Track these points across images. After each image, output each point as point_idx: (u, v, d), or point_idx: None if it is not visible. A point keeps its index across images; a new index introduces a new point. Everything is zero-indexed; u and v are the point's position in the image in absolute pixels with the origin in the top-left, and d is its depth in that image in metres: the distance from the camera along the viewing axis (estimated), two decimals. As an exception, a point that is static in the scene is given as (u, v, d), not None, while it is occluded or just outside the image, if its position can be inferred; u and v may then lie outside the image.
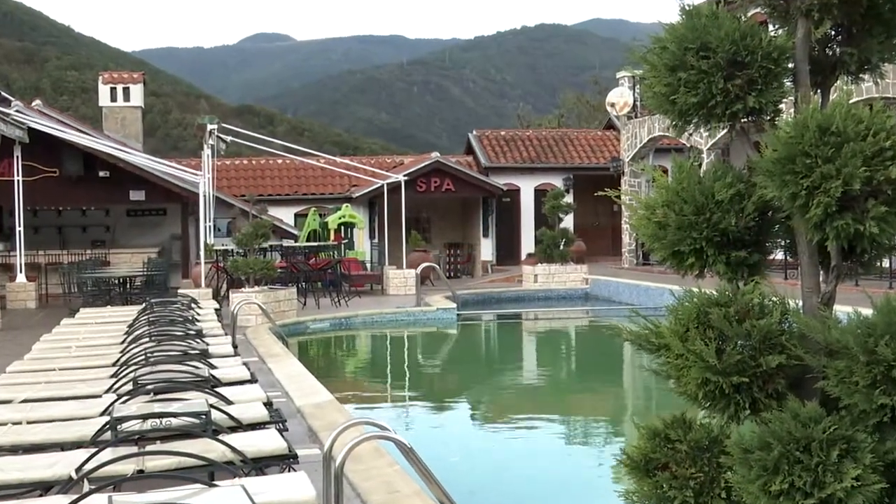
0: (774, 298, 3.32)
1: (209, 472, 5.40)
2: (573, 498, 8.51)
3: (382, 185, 26.21)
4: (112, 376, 8.22)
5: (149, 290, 19.54)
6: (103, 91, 30.92)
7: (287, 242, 24.96)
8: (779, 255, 3.90)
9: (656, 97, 3.45)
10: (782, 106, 3.41)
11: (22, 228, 21.02)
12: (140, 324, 11.39)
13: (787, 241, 3.45)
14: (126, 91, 30.58)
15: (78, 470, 5.21)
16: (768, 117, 3.39)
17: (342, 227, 26.86)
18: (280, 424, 6.76)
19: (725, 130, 3.49)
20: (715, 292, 3.36)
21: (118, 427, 5.76)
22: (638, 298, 21.10)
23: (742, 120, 3.39)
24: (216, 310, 15.05)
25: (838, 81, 3.47)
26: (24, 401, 7.46)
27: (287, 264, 22.04)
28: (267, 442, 6.02)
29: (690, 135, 3.56)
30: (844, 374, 2.95)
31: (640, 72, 3.60)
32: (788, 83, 3.37)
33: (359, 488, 6.64)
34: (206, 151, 23.10)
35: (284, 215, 28.83)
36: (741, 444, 3.07)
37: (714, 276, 3.48)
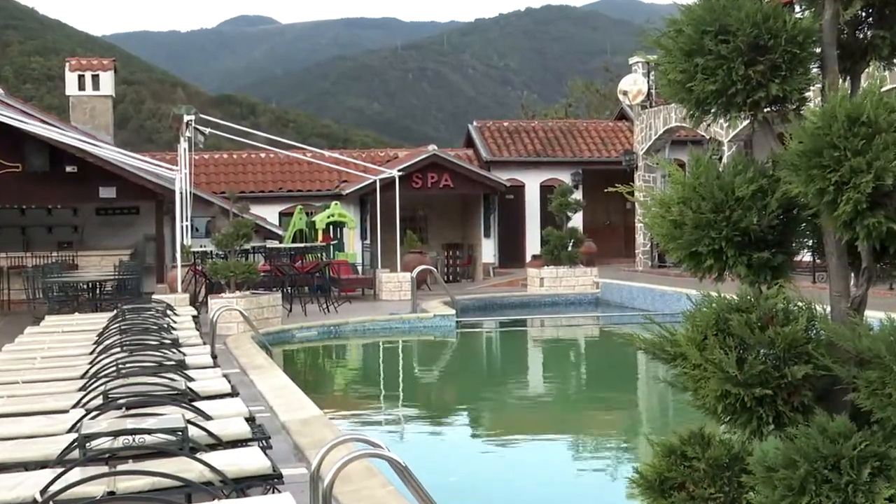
0: (800, 303, 3.32)
1: (186, 494, 5.40)
2: (582, 521, 8.50)
3: (375, 181, 26.20)
4: (80, 390, 8.21)
5: (120, 296, 19.52)
6: (70, 79, 30.90)
7: (271, 243, 24.96)
8: (806, 257, 3.91)
9: (671, 85, 3.46)
10: (808, 94, 3.41)
11: (-18, 229, 21.02)
12: (111, 332, 11.38)
13: (815, 240, 3.45)
14: (95, 79, 30.57)
15: (43, 492, 5.21)
16: (793, 106, 3.39)
17: (331, 227, 26.85)
18: (263, 441, 6.76)
19: (747, 121, 3.49)
20: (735, 297, 3.37)
21: (87, 445, 5.76)
22: (653, 304, 21.11)
23: (764, 109, 3.39)
24: (194, 317, 15.04)
25: (869, 67, 3.48)
26: (-15, 416, 7.46)
27: (271, 267, 22.04)
28: (249, 460, 6.02)
29: (709, 125, 3.57)
30: (876, 385, 2.95)
31: (655, 57, 3.61)
32: (815, 69, 3.37)
33: (349, 511, 6.64)
34: (183, 144, 23.09)
35: (268, 214, 28.83)
36: (764, 461, 3.07)
37: (734, 279, 3.49)
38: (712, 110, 3.43)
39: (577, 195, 28.10)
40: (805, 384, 3.19)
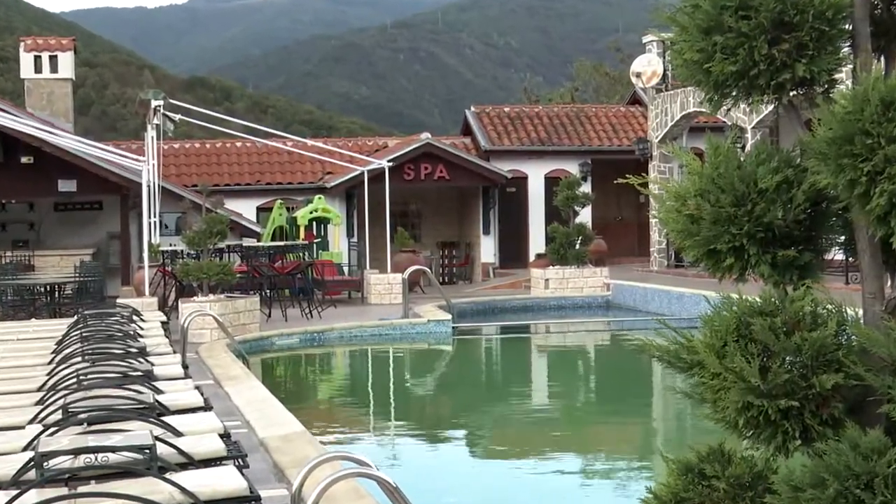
0: (830, 306, 3.33)
1: (154, 518, 5.39)
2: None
3: (362, 173, 26.20)
4: (37, 403, 8.20)
5: (81, 300, 19.49)
6: (26, 60, 30.85)
7: (248, 242, 24.95)
8: (838, 255, 3.91)
9: (687, 65, 3.46)
10: (839, 76, 3.42)
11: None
12: (71, 340, 11.37)
13: (846, 237, 3.46)
14: (53, 60, 30.53)
15: (-4, 516, 5.21)
16: (821, 89, 3.39)
17: (314, 224, 26.84)
18: (240, 460, 6.76)
19: (770, 105, 3.50)
20: (758, 299, 3.37)
21: (45, 464, 5.75)
22: (670, 307, 21.14)
23: (790, 92, 3.40)
24: (163, 323, 15.03)
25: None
26: (-68, 433, 7.44)
27: (248, 268, 22.03)
28: (223, 481, 6.01)
29: (728, 110, 3.57)
30: (914, 396, 2.96)
31: (670, 35, 3.62)
32: (846, 48, 3.37)
33: (334, 536, 6.64)
34: (151, 133, 23.08)
35: (245, 209, 28.82)
36: (790, 480, 3.08)
37: (757, 279, 3.49)
38: (732, 93, 3.44)
39: (586, 188, 28.14)
40: (835, 395, 3.19)
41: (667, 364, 3.52)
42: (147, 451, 5.89)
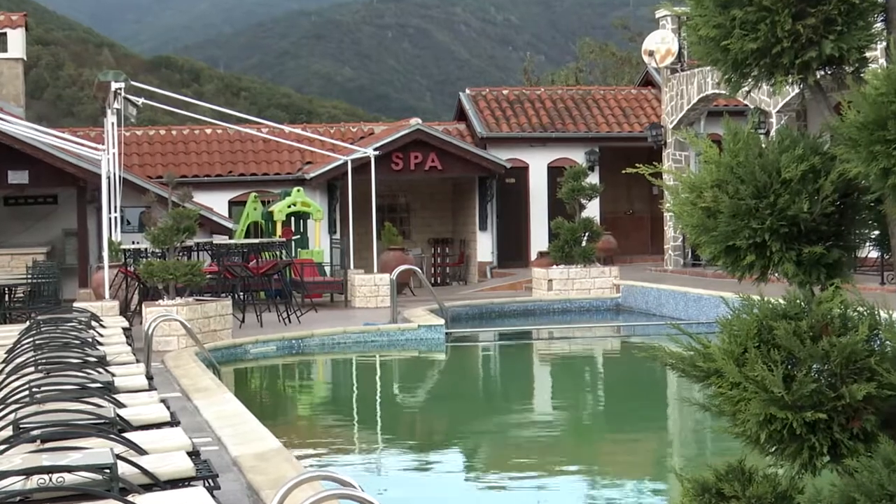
0: (861, 308, 3.34)
1: (115, 545, 5.40)
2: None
3: (346, 163, 26.20)
4: (-15, 418, 8.20)
5: (34, 304, 19.48)
6: (-29, 39, 30.82)
7: (219, 239, 24.94)
8: (872, 253, 3.91)
9: (703, 42, 3.47)
10: (871, 53, 3.42)
11: None
12: (23, 348, 11.36)
13: (879, 232, 3.47)
14: (2, 38, 30.49)
15: (-61, 543, 5.20)
16: (851, 68, 3.40)
17: (292, 219, 26.83)
18: (210, 480, 6.76)
19: (796, 87, 3.50)
20: (782, 301, 3.38)
21: (-7, 486, 5.75)
22: (687, 311, 21.15)
23: (816, 72, 3.40)
24: (125, 329, 15.01)
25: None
26: None
27: (219, 268, 22.02)
28: (192, 503, 6.01)
29: (749, 92, 3.57)
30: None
31: (685, 9, 3.62)
32: (878, 23, 3.38)
33: (315, 565, 6.64)
34: (111, 118, 23.05)
35: (215, 203, 28.81)
36: (818, 500, 3.09)
37: (781, 279, 3.50)
38: (753, 73, 3.44)
39: (593, 178, 28.14)
40: (867, 406, 3.20)
41: (681, 373, 3.53)
42: (107, 470, 5.89)
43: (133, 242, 22.99)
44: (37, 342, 11.58)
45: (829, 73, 3.42)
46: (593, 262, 24.93)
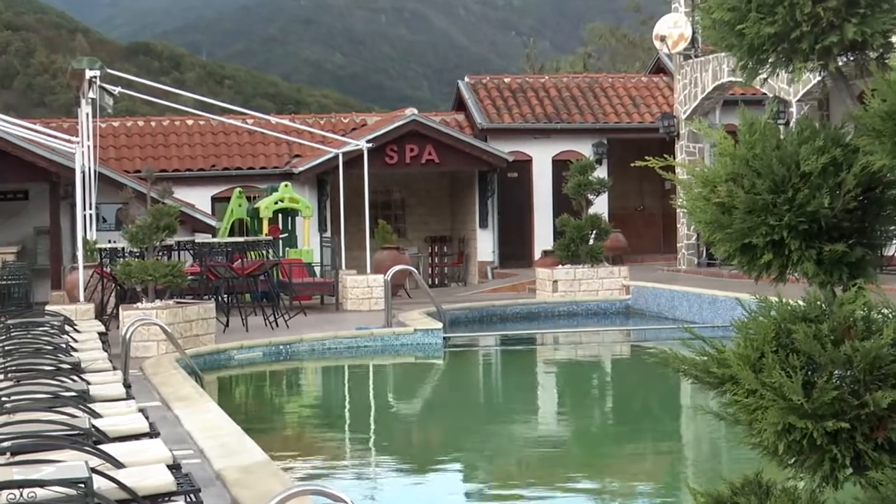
0: (886, 310, 3.34)
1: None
2: None
3: (337, 156, 26.19)
4: (-49, 430, 8.20)
5: (3, 308, 19.47)
6: (-63, 24, 30.83)
7: (202, 238, 24.93)
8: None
9: (717, 26, 3.47)
10: (895, 38, 3.43)
11: None
12: (-9, 355, 11.36)
13: (904, 229, 3.47)
14: (-30, 24, 30.49)
15: None
16: (875, 54, 3.40)
17: (280, 216, 26.82)
18: (192, 495, 6.76)
19: (817, 74, 3.50)
20: (801, 302, 3.38)
21: (-40, 501, 5.75)
22: (701, 313, 21.15)
23: (838, 58, 3.40)
24: (101, 334, 15.01)
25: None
26: None
27: (202, 269, 22.02)
28: (172, 520, 6.02)
29: (766, 80, 3.58)
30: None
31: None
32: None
33: (303, 585, 6.65)
34: (85, 109, 23.05)
35: (197, 199, 28.79)
36: (839, 515, 3.09)
37: (800, 279, 3.50)
38: (770, 60, 3.44)
39: (601, 172, 28.13)
40: (892, 415, 3.20)
41: (694, 379, 3.53)
42: (82, 485, 5.90)
43: (109, 241, 22.97)
44: (6, 348, 11.58)
45: (851, 59, 3.42)
46: (601, 262, 24.92)
